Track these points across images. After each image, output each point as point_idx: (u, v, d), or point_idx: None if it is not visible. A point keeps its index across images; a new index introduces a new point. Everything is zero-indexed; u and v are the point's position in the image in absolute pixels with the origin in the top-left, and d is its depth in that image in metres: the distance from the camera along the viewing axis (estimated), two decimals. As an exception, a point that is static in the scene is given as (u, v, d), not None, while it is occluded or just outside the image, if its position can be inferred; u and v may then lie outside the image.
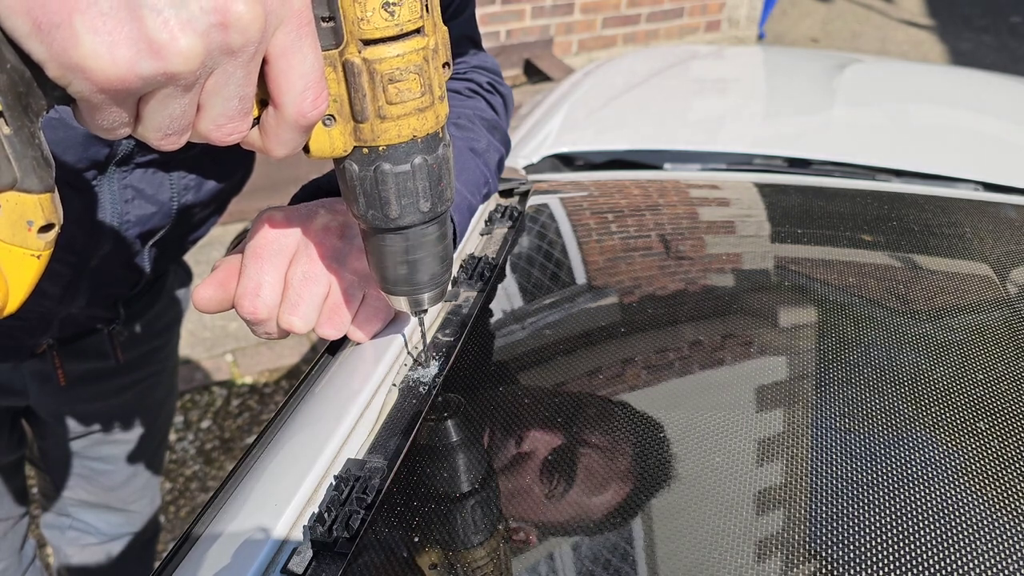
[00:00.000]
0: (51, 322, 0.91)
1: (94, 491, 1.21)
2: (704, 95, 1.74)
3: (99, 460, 1.17)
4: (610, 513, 0.51)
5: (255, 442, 0.60)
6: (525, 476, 0.53)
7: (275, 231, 0.59)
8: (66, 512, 1.26)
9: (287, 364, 2.54)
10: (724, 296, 0.72)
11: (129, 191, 0.82)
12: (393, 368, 0.65)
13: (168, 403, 1.24)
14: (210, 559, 0.50)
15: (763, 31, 4.92)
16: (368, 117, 0.48)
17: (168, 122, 0.41)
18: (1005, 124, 1.62)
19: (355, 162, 0.50)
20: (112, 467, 1.19)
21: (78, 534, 1.28)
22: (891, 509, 0.50)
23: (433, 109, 0.49)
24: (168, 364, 1.20)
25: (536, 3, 3.92)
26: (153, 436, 1.22)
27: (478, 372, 0.63)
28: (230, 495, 0.55)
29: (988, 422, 0.57)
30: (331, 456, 0.56)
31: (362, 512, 0.51)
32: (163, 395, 1.21)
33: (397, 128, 0.48)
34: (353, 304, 0.62)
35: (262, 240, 0.59)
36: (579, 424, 0.58)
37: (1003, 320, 0.70)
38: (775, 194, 0.98)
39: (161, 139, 0.43)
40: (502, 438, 0.57)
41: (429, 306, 0.59)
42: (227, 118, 0.43)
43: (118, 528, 1.29)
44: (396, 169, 0.50)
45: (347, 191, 0.52)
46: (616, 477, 0.53)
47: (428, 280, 0.56)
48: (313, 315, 0.60)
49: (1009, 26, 5.64)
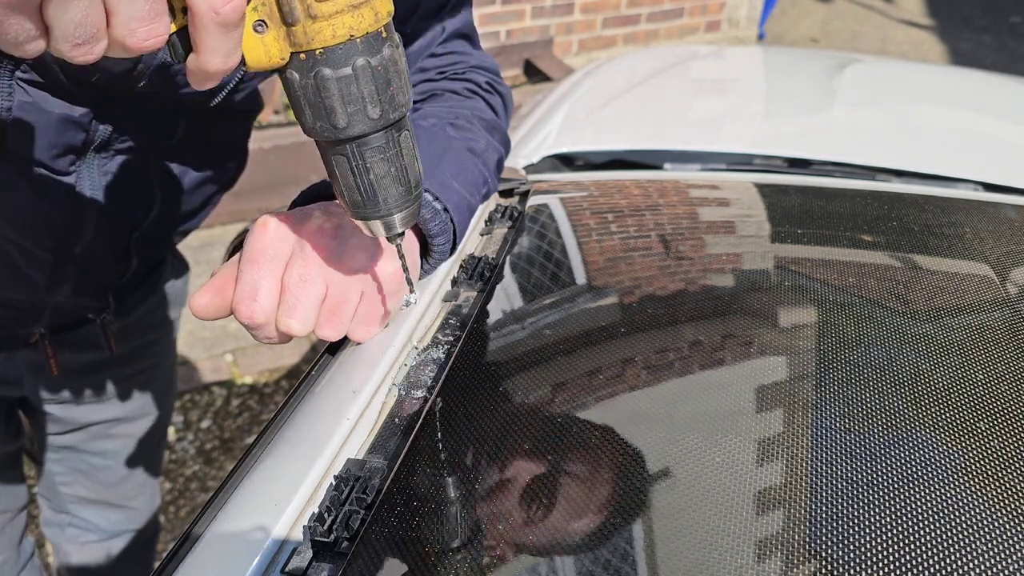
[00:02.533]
0: (41, 311, 0.91)
1: (93, 487, 1.21)
2: (704, 95, 1.74)
3: (97, 455, 1.17)
4: (611, 513, 0.51)
5: (255, 442, 0.60)
6: (525, 476, 0.53)
7: (270, 235, 0.59)
8: (65, 509, 1.25)
9: (287, 364, 2.54)
10: (724, 296, 0.72)
11: (109, 177, 0.81)
12: (393, 368, 0.65)
13: (167, 399, 1.24)
14: (210, 559, 0.50)
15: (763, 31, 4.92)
16: (299, 18, 0.46)
17: (74, 28, 0.40)
18: (1005, 124, 1.62)
19: (295, 70, 0.48)
20: (110, 462, 1.19)
21: (78, 531, 1.28)
22: (891, 509, 0.50)
23: (370, 5, 0.47)
24: (166, 360, 1.19)
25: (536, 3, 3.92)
26: (152, 432, 1.21)
27: (478, 372, 0.63)
28: (230, 495, 0.55)
29: (988, 422, 0.57)
30: (331, 456, 0.56)
31: (362, 512, 0.51)
32: (162, 390, 1.21)
33: (331, 28, 0.46)
34: (351, 304, 0.62)
35: (258, 245, 0.59)
36: (580, 424, 0.58)
37: (1003, 320, 0.70)
38: (775, 194, 0.98)
39: (72, 49, 0.41)
40: (502, 438, 0.57)
41: (402, 228, 0.57)
42: (138, 21, 0.41)
43: (118, 525, 1.29)
44: (337, 74, 0.48)
45: (294, 105, 0.50)
46: (617, 477, 0.53)
47: (396, 200, 0.54)
48: (311, 317, 0.60)
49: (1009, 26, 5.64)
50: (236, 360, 2.53)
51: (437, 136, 0.77)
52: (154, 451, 1.25)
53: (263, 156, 3.00)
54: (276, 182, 2.96)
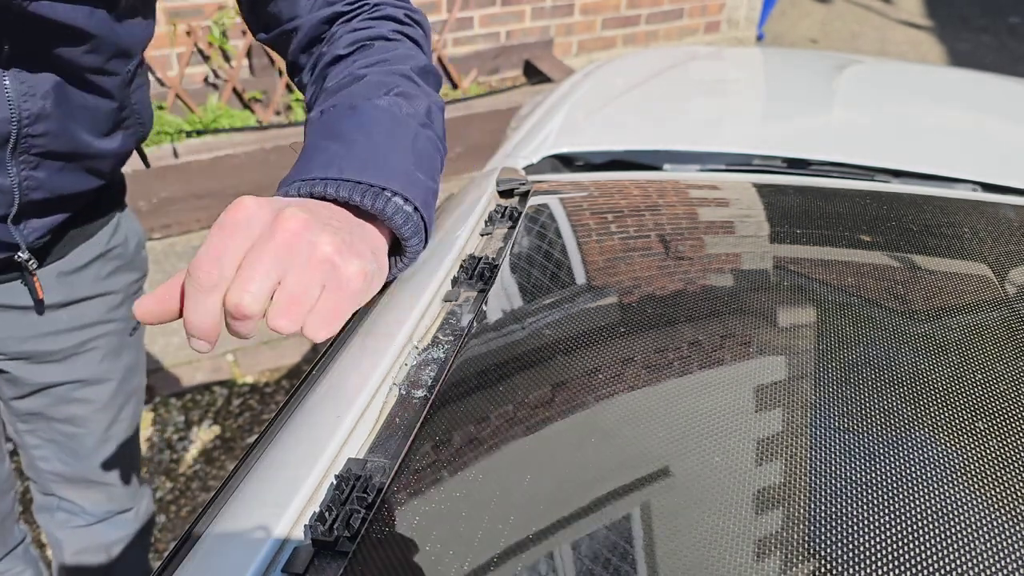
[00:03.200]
0: None
1: (69, 460, 1.21)
2: (704, 96, 1.74)
3: (66, 422, 1.17)
4: (612, 513, 0.51)
5: (256, 442, 0.60)
6: (526, 475, 0.53)
7: (244, 212, 0.59)
8: (50, 491, 1.27)
9: (288, 364, 2.54)
10: (723, 296, 0.72)
11: None
12: (393, 368, 0.65)
13: (135, 370, 1.23)
14: (211, 558, 0.50)
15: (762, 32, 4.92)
16: None
17: None
18: (1004, 125, 1.63)
19: None
20: (80, 429, 1.18)
21: (66, 516, 1.29)
22: (890, 509, 0.50)
23: None
24: (127, 325, 1.17)
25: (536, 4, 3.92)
26: (120, 400, 1.20)
27: (478, 372, 0.63)
28: (231, 494, 0.55)
29: (987, 423, 0.57)
30: (332, 455, 0.56)
31: (363, 511, 0.51)
32: (129, 358, 1.20)
33: None
34: (310, 297, 0.61)
35: (230, 216, 0.59)
36: (580, 423, 0.58)
37: (1001, 320, 0.70)
38: (774, 194, 0.98)
39: None
40: (502, 437, 0.57)
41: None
42: None
43: (101, 506, 1.29)
44: None
45: None
46: (617, 476, 0.53)
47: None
48: (264, 296, 0.58)
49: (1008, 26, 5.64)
50: (237, 360, 2.53)
51: (396, 118, 0.74)
52: (127, 423, 1.24)
53: (263, 156, 3.00)
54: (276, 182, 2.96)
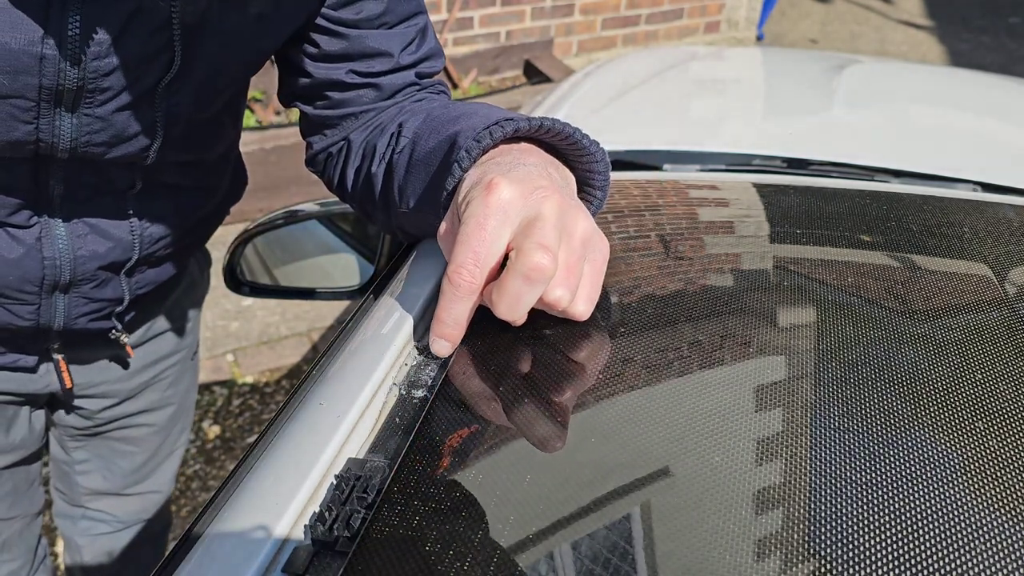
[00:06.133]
0: (47, 333, 0.91)
1: (110, 476, 1.21)
2: (703, 96, 1.74)
3: (121, 441, 1.17)
4: (613, 513, 0.51)
5: (256, 442, 0.60)
6: (526, 475, 0.53)
7: (507, 195, 0.58)
8: (79, 503, 1.26)
9: (288, 364, 2.54)
10: (724, 297, 0.72)
11: (81, 226, 0.82)
12: (393, 368, 0.65)
13: (192, 392, 1.24)
14: (211, 558, 0.50)
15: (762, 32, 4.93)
16: None
17: None
18: (1003, 125, 1.63)
19: None
20: (133, 448, 1.19)
21: (90, 523, 1.28)
22: (890, 509, 0.50)
23: None
24: (190, 341, 1.19)
25: (536, 4, 3.93)
26: (177, 417, 1.21)
27: (479, 372, 0.64)
28: (231, 494, 0.55)
29: (987, 423, 0.57)
30: (332, 455, 0.56)
31: (363, 511, 0.51)
32: (189, 384, 1.21)
33: None
34: (578, 271, 0.62)
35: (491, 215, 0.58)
36: (581, 422, 0.58)
37: (1001, 320, 0.70)
38: (774, 194, 0.98)
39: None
40: (503, 436, 0.57)
41: None
42: None
43: (134, 515, 1.29)
44: None
45: None
46: (618, 476, 0.53)
47: None
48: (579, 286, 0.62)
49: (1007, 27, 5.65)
50: (237, 360, 2.53)
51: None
52: (176, 437, 1.25)
53: (264, 156, 3.01)
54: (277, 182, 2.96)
